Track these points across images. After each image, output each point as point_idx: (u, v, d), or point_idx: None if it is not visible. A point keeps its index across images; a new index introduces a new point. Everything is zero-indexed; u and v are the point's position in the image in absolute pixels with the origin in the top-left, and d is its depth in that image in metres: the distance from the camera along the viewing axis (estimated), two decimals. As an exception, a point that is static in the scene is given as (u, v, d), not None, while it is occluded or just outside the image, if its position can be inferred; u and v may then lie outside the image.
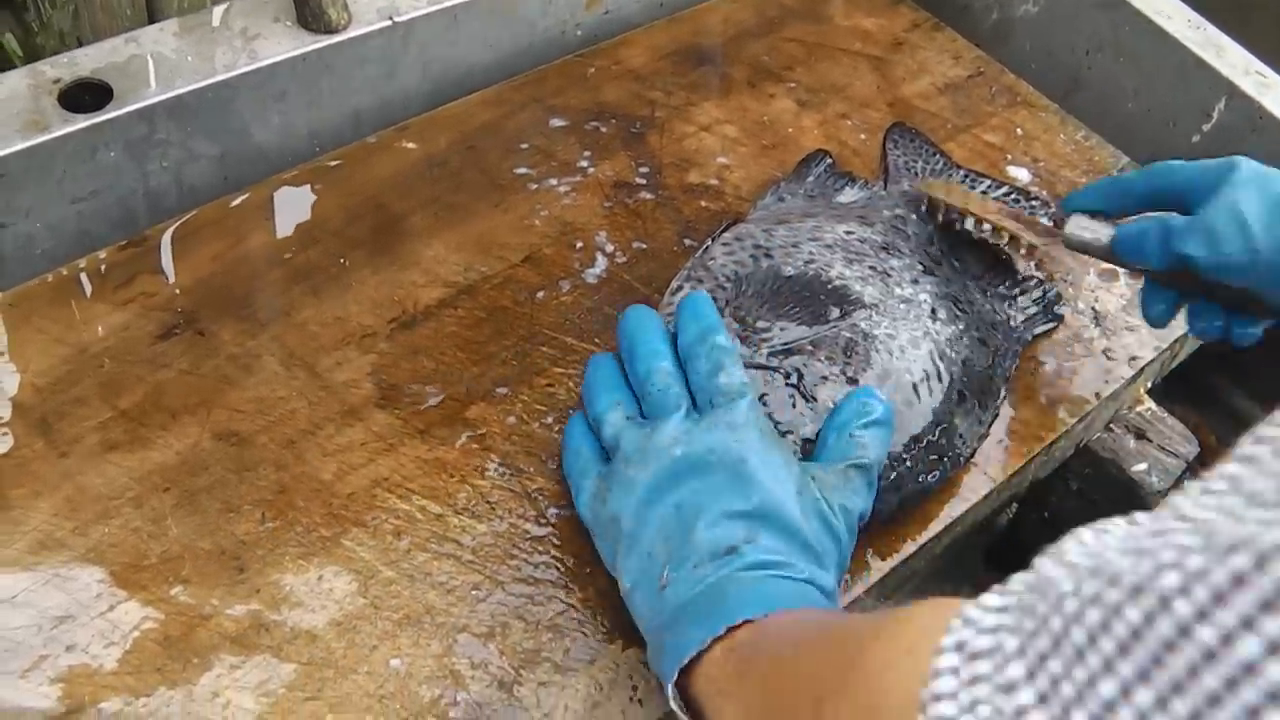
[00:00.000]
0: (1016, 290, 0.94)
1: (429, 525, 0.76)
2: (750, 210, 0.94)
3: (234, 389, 0.81)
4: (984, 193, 1.01)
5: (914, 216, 0.93)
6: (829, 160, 1.00)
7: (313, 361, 0.83)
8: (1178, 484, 0.99)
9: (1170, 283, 0.83)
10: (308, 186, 0.92)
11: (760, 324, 0.82)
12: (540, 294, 0.89)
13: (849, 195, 0.97)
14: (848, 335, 0.83)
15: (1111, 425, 0.99)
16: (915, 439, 0.82)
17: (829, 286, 0.85)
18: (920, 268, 0.89)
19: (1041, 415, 0.89)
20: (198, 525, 0.74)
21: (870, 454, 0.76)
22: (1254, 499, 0.37)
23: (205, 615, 0.71)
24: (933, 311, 0.86)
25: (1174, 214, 0.81)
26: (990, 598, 0.46)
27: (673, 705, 0.66)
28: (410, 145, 0.96)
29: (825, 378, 0.80)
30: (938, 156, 1.03)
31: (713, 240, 0.89)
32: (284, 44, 0.95)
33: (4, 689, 0.67)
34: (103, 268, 0.85)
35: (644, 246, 0.93)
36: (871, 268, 0.87)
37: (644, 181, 0.97)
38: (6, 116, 0.87)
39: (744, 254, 0.87)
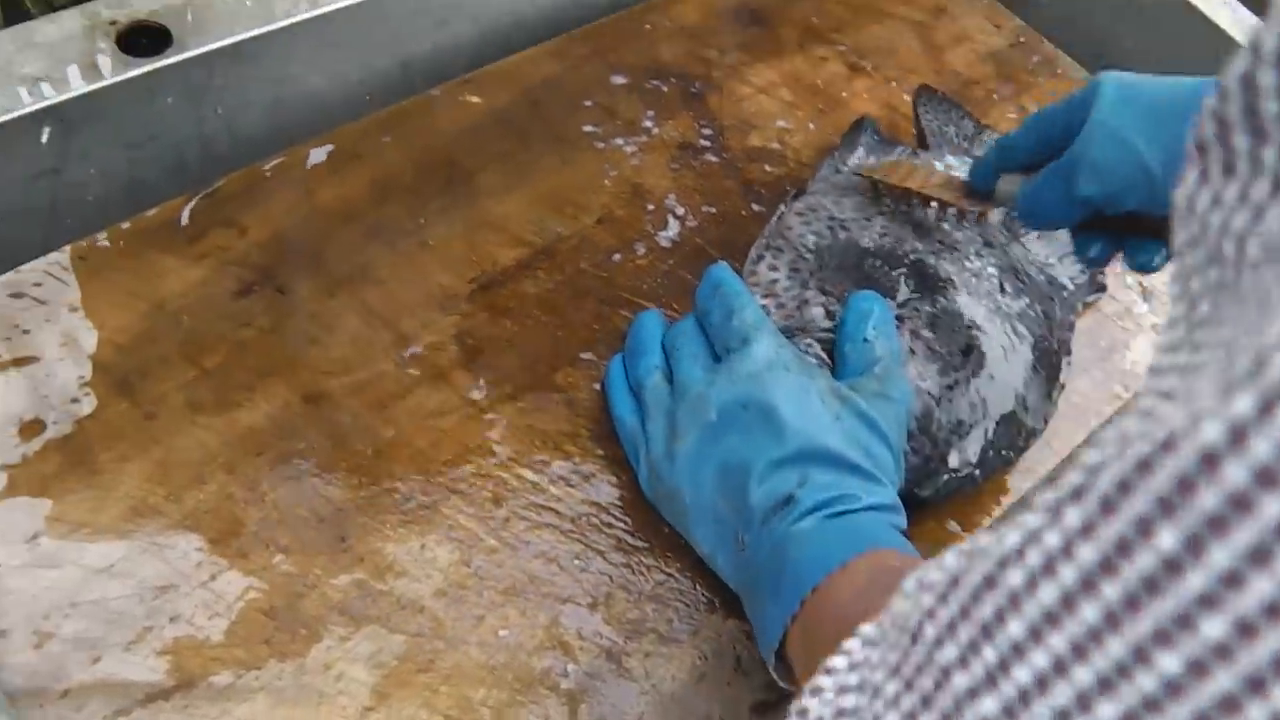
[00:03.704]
0: (1057, 259, 0.95)
1: (526, 494, 0.75)
2: (810, 181, 0.93)
3: (318, 349, 0.79)
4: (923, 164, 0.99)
5: None
6: (874, 127, 0.99)
7: (395, 321, 0.81)
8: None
9: (1092, 227, 0.78)
10: (376, 139, 0.90)
11: (847, 296, 0.82)
12: (616, 256, 0.87)
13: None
14: (929, 310, 0.83)
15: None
16: (1000, 416, 0.82)
17: (907, 260, 0.85)
18: (980, 240, 0.89)
19: (1098, 389, 0.90)
20: (293, 491, 0.73)
21: (889, 345, 0.77)
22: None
23: (309, 585, 0.69)
24: (1001, 286, 0.86)
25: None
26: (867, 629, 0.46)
27: (780, 682, 0.68)
28: (474, 99, 0.93)
29: (913, 351, 0.81)
30: (967, 120, 1.03)
31: (785, 209, 0.89)
32: (344, -10, 0.92)
33: (111, 662, 0.65)
34: (178, 220, 0.82)
35: (713, 210, 0.92)
36: (940, 241, 0.87)
37: (708, 144, 0.96)
38: (64, 59, 0.83)
39: (820, 225, 0.87)
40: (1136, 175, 0.71)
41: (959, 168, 0.95)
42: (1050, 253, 0.94)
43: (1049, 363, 0.86)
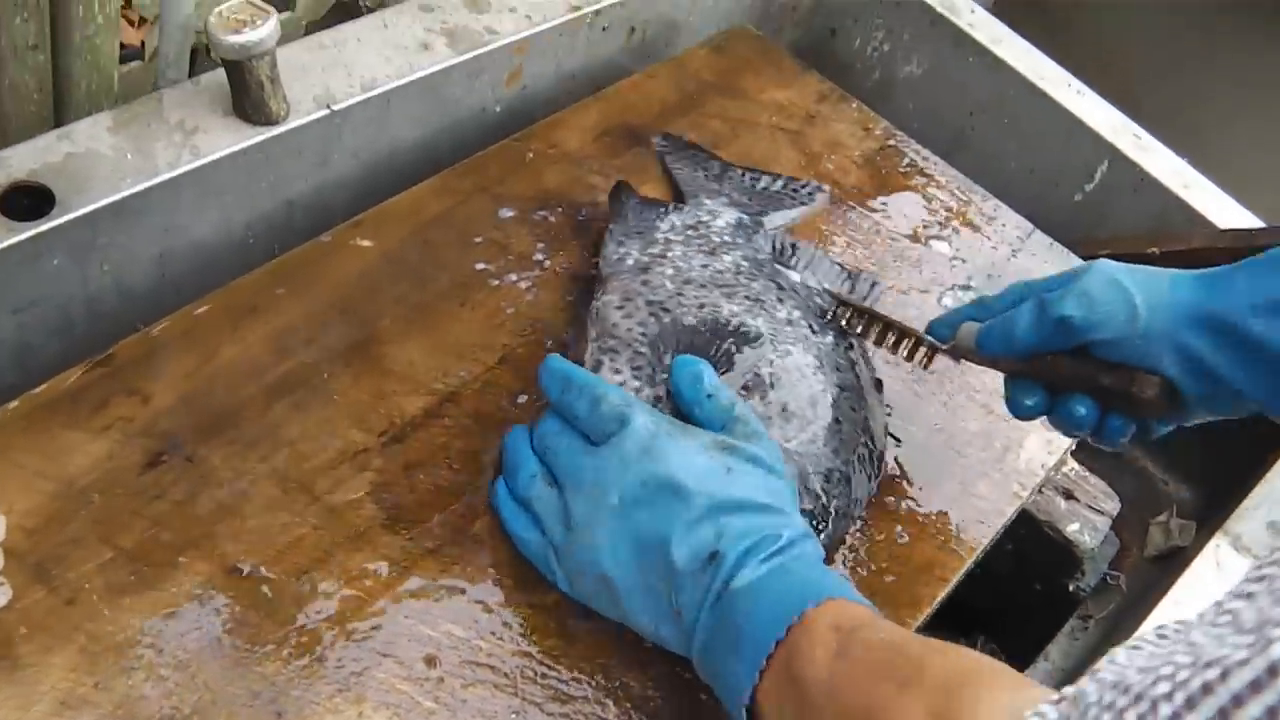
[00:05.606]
0: (815, 279, 0.98)
1: (457, 651, 0.75)
2: (602, 265, 0.94)
3: (235, 519, 0.77)
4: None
5: (740, 235, 0.97)
6: (629, 189, 1.01)
7: (310, 484, 0.80)
8: (1106, 540, 1.05)
9: (1038, 372, 0.81)
10: (271, 291, 0.89)
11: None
12: (521, 398, 0.88)
13: (669, 222, 0.97)
14: (769, 371, 0.86)
15: (1041, 488, 1.03)
16: (852, 453, 0.86)
17: (729, 327, 0.88)
18: (775, 285, 0.92)
19: (997, 490, 0.93)
20: (225, 669, 0.71)
21: (727, 393, 0.80)
22: (1239, 627, 0.42)
23: (252, 769, 0.69)
24: (810, 327, 0.90)
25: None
26: (1046, 709, 0.49)
27: None
28: (366, 243, 0.93)
29: (768, 418, 0.84)
30: (713, 162, 1.07)
31: (597, 302, 0.90)
32: (225, 138, 0.91)
33: None
34: (77, 390, 0.80)
35: (612, 341, 0.92)
36: (746, 297, 0.90)
37: (600, 273, 0.96)
38: (-58, 226, 0.81)
39: (641, 314, 0.88)
40: (1121, 308, 0.76)
41: (728, 216, 0.99)
42: (808, 277, 0.97)
43: (869, 379, 0.91)
